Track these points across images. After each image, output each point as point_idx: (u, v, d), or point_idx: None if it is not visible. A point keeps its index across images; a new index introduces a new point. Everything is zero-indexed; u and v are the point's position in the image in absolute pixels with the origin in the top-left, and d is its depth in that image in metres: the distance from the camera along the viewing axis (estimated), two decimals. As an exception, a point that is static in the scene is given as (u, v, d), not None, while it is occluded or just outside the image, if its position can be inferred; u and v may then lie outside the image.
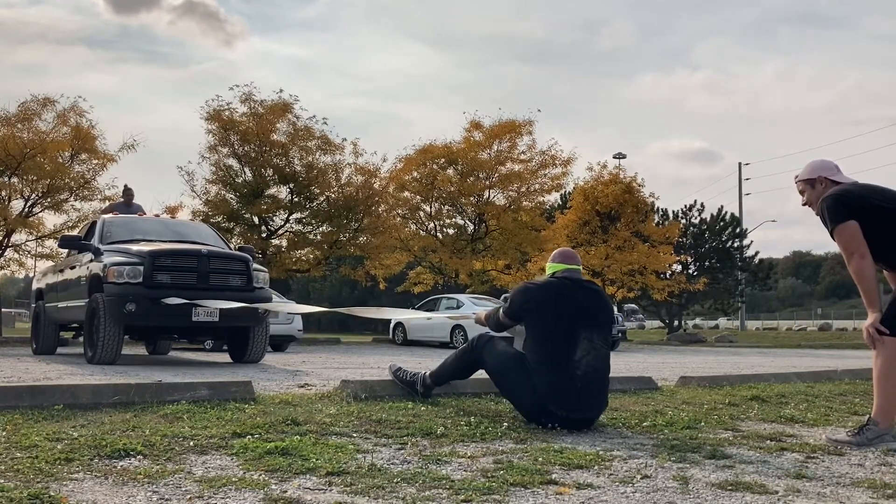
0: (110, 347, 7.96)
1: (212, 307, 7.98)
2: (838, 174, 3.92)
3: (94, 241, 9.03)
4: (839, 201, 3.76)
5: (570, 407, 3.84)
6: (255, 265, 8.80)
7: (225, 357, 10.76)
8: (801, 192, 3.99)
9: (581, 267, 4.29)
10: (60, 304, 9.64)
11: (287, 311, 9.10)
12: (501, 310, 4.28)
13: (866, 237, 3.69)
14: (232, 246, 10.57)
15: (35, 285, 11.32)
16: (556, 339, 3.95)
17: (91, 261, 8.64)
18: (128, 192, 11.92)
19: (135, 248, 8.44)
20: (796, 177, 4.03)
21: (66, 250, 10.47)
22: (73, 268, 9.35)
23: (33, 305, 11.11)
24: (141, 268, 8.00)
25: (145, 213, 11.40)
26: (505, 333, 4.42)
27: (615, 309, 30.29)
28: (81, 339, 11.23)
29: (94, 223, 9.79)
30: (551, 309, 4.01)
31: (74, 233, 12.85)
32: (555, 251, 4.37)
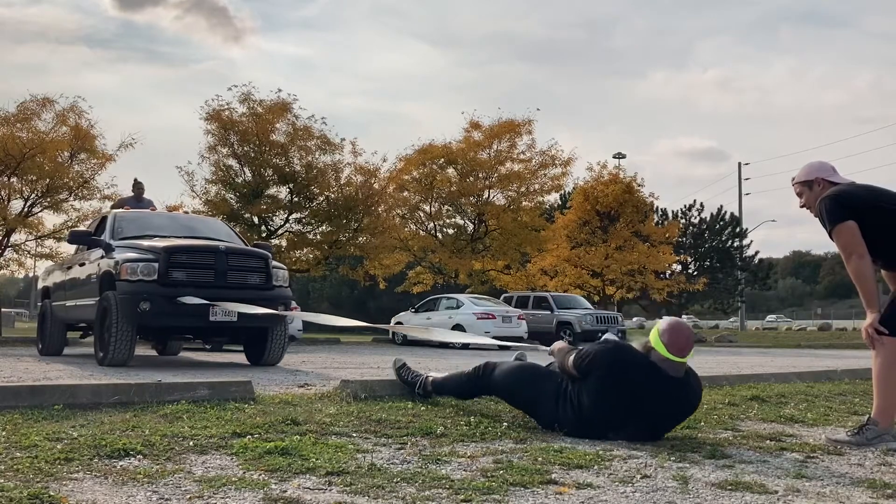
0: (123, 348, 7.58)
1: (232, 309, 7.56)
2: (835, 175, 3.93)
3: (105, 237, 8.62)
4: (837, 202, 3.76)
5: (589, 435, 3.68)
6: (274, 262, 8.47)
7: (225, 357, 10.75)
8: (799, 195, 4.00)
9: (688, 360, 3.62)
10: (68, 303, 9.30)
11: (334, 324, 7.86)
12: (573, 357, 3.75)
13: (865, 237, 3.69)
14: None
15: (41, 283, 10.90)
16: (603, 415, 3.63)
17: (102, 257, 8.26)
18: (138, 186, 11.41)
19: (148, 244, 8.06)
20: (793, 179, 4.03)
21: (74, 247, 10.04)
22: (82, 265, 8.99)
23: (39, 304, 10.70)
24: (156, 265, 7.62)
25: (157, 209, 10.90)
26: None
27: (615, 308, 30.39)
28: (87, 339, 10.71)
29: (104, 218, 9.38)
30: (619, 392, 3.59)
31: (83, 228, 12.17)
32: (672, 325, 3.60)
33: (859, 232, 3.69)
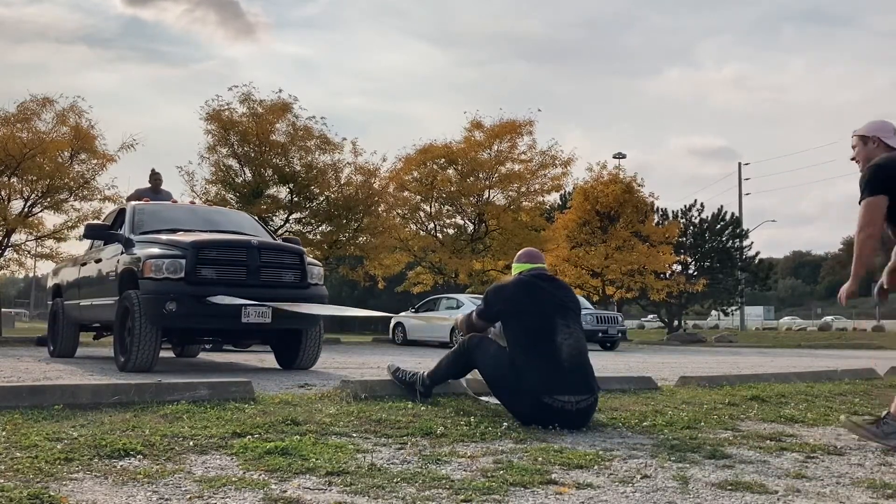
0: (146, 352, 6.99)
1: (271, 308, 7.06)
2: (893, 138, 3.87)
3: (124, 231, 8.07)
4: (878, 173, 3.72)
5: (563, 392, 3.87)
6: (309, 259, 7.91)
7: (225, 357, 10.75)
8: (853, 147, 3.97)
9: (545, 265, 4.50)
10: (83, 303, 8.78)
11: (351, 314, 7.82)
12: (474, 312, 4.42)
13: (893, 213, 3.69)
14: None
15: (51, 281, 10.46)
16: (536, 330, 4.08)
17: (121, 253, 7.71)
18: (156, 177, 10.64)
19: (173, 238, 7.49)
20: (854, 131, 4.01)
21: (83, 243, 9.32)
22: (97, 261, 8.44)
23: (50, 303, 10.21)
24: (183, 261, 7.03)
25: (177, 201, 10.33)
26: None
27: (615, 308, 30.42)
28: (101, 339, 10.34)
29: (121, 211, 8.75)
30: (528, 303, 4.16)
31: (98, 221, 11.17)
32: (520, 252, 4.56)
33: (884, 211, 3.67)
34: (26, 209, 17.63)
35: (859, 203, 3.78)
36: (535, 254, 4.50)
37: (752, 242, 41.01)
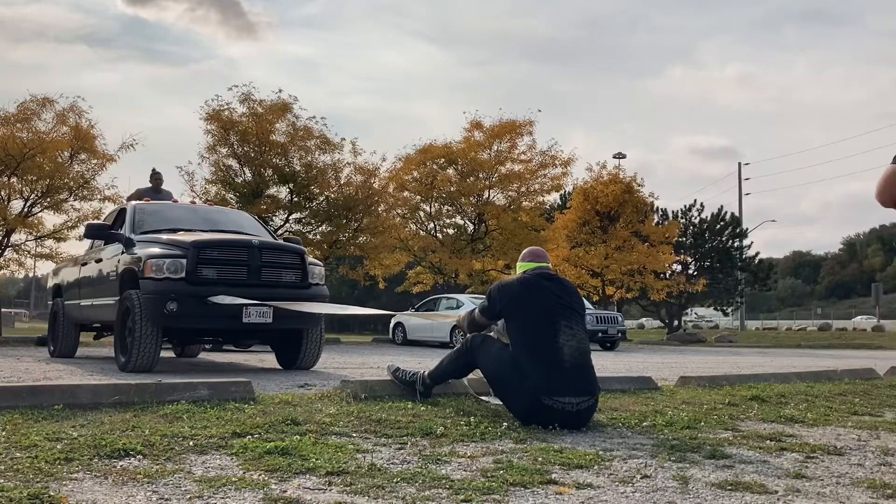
0: (147, 352, 6.97)
1: (272, 307, 7.06)
2: None
3: (125, 231, 8.04)
4: None
5: (564, 393, 3.87)
6: (310, 258, 7.88)
7: (225, 357, 10.75)
8: None
9: (550, 264, 4.50)
10: (83, 303, 8.78)
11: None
12: (477, 309, 4.41)
13: None
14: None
15: (51, 281, 10.48)
16: (539, 330, 4.06)
17: (122, 253, 7.70)
18: (156, 177, 10.61)
19: (173, 238, 7.46)
20: None
21: (82, 244, 9.34)
22: (98, 261, 8.47)
23: (50, 303, 10.21)
24: (184, 261, 7.01)
25: (177, 201, 10.29)
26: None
27: (615, 308, 30.44)
28: (101, 339, 10.40)
29: (122, 210, 8.73)
30: (530, 302, 4.14)
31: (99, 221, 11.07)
32: (524, 251, 4.56)
33: None
34: (26, 209, 17.63)
35: None
36: (539, 253, 4.49)
37: (752, 242, 41.11)
